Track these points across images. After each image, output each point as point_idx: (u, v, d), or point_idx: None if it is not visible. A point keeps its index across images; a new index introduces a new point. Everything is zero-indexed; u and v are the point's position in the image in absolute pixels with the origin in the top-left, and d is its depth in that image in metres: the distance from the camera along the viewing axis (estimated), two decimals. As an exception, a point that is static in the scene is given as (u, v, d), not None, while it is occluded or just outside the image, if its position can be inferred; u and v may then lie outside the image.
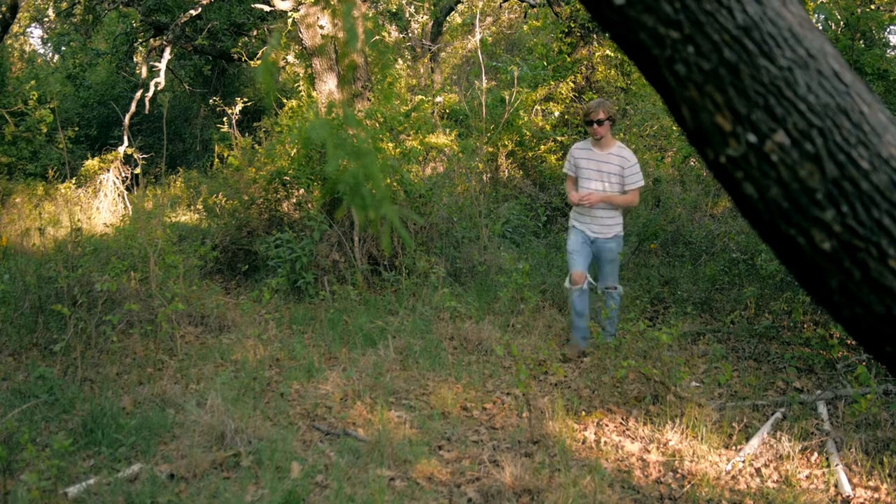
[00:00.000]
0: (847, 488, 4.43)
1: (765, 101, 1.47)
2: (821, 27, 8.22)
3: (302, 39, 9.84)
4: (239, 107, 12.55)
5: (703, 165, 8.49)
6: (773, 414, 5.44)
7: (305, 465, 4.75)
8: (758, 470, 4.71)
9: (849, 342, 6.44)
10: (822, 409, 5.43)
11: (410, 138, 9.81)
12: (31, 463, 4.57)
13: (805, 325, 6.80)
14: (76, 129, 15.78)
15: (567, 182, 6.90)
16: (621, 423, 5.42)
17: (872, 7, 8.18)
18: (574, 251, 6.66)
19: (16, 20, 18.85)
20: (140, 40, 17.75)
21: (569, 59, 13.54)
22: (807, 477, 4.62)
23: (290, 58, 12.74)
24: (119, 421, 5.16)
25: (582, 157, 6.65)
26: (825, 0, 8.45)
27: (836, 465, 4.64)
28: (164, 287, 6.93)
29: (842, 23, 7.98)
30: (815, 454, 4.84)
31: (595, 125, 6.47)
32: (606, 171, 6.51)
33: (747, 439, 5.06)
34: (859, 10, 7.84)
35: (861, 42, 8.11)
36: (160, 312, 6.44)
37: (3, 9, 16.19)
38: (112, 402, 5.48)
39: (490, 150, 12.32)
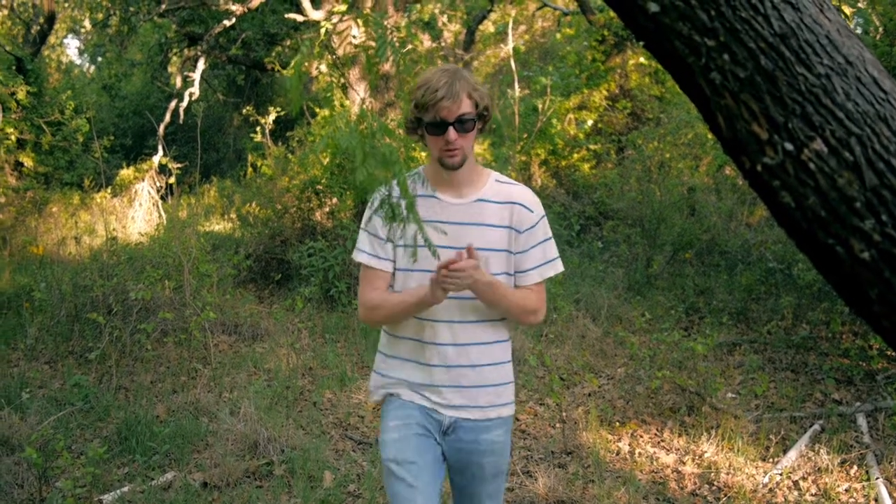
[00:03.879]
0: (888, 502, 4.35)
1: (802, 110, 1.44)
2: (859, 32, 8.13)
3: (334, 49, 9.89)
4: (272, 116, 12.63)
5: (738, 174, 8.42)
6: (811, 426, 5.36)
7: (338, 474, 4.75)
8: (796, 483, 4.64)
9: (888, 353, 6.34)
10: (862, 421, 5.34)
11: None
12: (66, 470, 4.60)
13: (843, 336, 6.70)
14: (112, 138, 15.97)
15: (363, 285, 2.84)
16: (656, 435, 5.37)
17: (911, 13, 8.06)
18: (404, 462, 2.73)
19: (53, 32, 19.13)
20: (174, 51, 17.94)
21: (602, 68, 13.50)
22: (846, 490, 4.54)
23: (323, 67, 12.81)
24: (153, 429, 5.19)
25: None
26: (863, 6, 8.36)
27: (877, 478, 4.56)
28: (198, 296, 6.97)
29: (880, 29, 7.88)
30: (855, 467, 4.77)
31: (452, 130, 2.65)
32: (477, 240, 2.73)
33: (785, 452, 4.99)
34: (898, 16, 7.73)
35: (900, 48, 7.99)
36: (192, 321, 6.48)
37: (41, 20, 16.43)
38: (146, 410, 5.51)
39: (523, 158, 12.30)
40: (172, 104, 14.55)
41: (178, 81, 15.18)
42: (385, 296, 2.80)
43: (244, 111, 16.34)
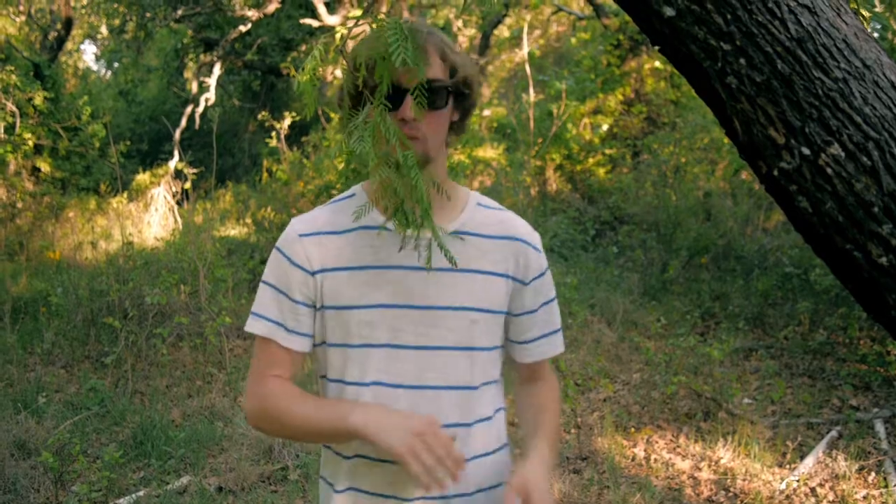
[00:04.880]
0: (905, 509, 4.32)
1: (819, 114, 1.43)
2: (877, 36, 8.08)
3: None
4: (287, 121, 12.67)
5: (754, 179, 8.38)
6: (828, 432, 5.32)
7: (352, 479, 4.74)
8: (813, 490, 4.61)
9: (906, 358, 6.30)
10: (880, 427, 5.30)
11: (458, 152, 9.80)
12: (82, 474, 4.62)
13: (861, 342, 6.65)
14: (128, 143, 16.07)
15: (257, 368, 1.80)
16: (672, 440, 5.34)
17: (929, 16, 8.02)
18: None
19: (70, 37, 19.26)
20: (190, 56, 18.04)
21: (617, 72, 13.48)
22: (864, 498, 4.51)
23: (339, 72, 12.84)
24: (168, 433, 5.20)
25: (350, 266, 1.68)
26: (881, 10, 8.31)
27: (894, 485, 4.53)
28: (214, 300, 6.99)
29: (898, 33, 7.84)
30: (873, 474, 4.73)
31: (410, 101, 1.55)
32: (463, 297, 1.67)
33: (802, 458, 4.96)
34: (915, 20, 7.69)
35: (917, 52, 7.95)
36: (208, 326, 6.49)
37: (58, 26, 16.53)
38: (162, 414, 5.53)
39: (538, 163, 12.29)
40: (188, 109, 14.63)
41: (194, 87, 15.29)
42: (291, 399, 1.71)
43: (259, 116, 16.38)
